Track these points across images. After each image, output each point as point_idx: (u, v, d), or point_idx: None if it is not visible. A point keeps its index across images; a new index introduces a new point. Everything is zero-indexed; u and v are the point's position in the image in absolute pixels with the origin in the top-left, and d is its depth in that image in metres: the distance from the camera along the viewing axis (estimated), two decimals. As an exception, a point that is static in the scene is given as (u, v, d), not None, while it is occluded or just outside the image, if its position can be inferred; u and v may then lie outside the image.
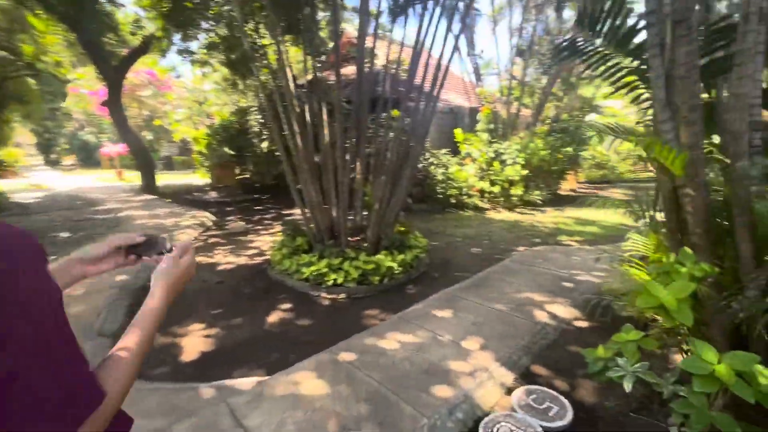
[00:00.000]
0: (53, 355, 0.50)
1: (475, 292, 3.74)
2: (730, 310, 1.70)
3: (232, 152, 10.67)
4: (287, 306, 3.64)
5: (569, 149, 9.64)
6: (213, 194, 10.95)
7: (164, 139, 22.10)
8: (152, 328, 0.68)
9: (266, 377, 2.42)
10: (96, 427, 0.53)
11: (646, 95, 2.99)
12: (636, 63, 2.87)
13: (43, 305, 0.51)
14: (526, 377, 2.47)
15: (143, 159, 11.51)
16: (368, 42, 4.66)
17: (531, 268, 4.50)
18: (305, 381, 2.32)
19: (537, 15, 10.08)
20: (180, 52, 10.26)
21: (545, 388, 2.18)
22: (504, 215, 8.18)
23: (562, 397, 2.08)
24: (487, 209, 8.68)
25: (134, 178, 14.54)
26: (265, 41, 7.32)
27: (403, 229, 5.06)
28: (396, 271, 4.12)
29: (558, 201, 9.70)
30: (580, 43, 3.00)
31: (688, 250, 1.74)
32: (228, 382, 2.36)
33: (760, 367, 1.50)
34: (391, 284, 4.07)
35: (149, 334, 0.67)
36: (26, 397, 0.46)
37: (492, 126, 9.87)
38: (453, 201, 8.60)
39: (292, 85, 4.53)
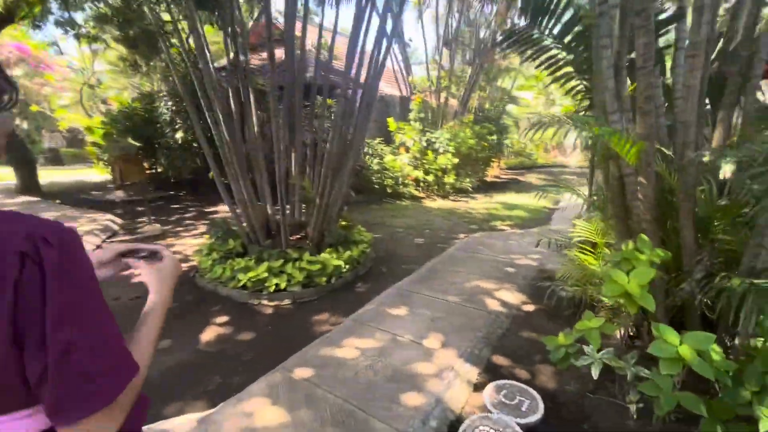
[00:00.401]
0: (102, 329, 0.57)
1: (426, 285, 3.69)
2: (682, 291, 1.82)
3: (138, 144, 9.29)
4: (224, 319, 3.22)
5: (493, 137, 10.17)
6: (119, 193, 9.45)
7: (46, 128, 18.64)
8: (162, 319, 0.77)
9: (209, 411, 2.06)
10: (130, 396, 0.60)
11: (580, 86, 3.12)
12: (571, 56, 2.97)
13: (94, 284, 0.59)
14: (490, 370, 2.46)
15: (18, 152, 9.50)
16: (294, 25, 4.25)
17: (474, 255, 4.60)
18: (259, 409, 2.02)
19: (461, 6, 10.33)
20: (59, 23, 8.55)
21: (513, 382, 2.17)
22: (439, 203, 8.37)
23: (530, 390, 2.08)
24: (422, 198, 8.80)
25: (7, 175, 12.01)
26: (170, 18, 6.36)
27: (345, 223, 4.83)
28: (343, 270, 3.90)
29: (486, 187, 10.23)
30: (523, 34, 3.02)
31: (645, 237, 1.81)
32: (160, 425, 1.96)
33: (714, 345, 1.60)
34: (338, 284, 3.84)
35: (160, 323, 0.76)
36: (80, 365, 0.53)
37: (423, 115, 9.99)
38: (389, 191, 8.56)
39: (212, 67, 3.97)
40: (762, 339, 1.62)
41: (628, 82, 2.29)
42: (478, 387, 2.30)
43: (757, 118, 2.16)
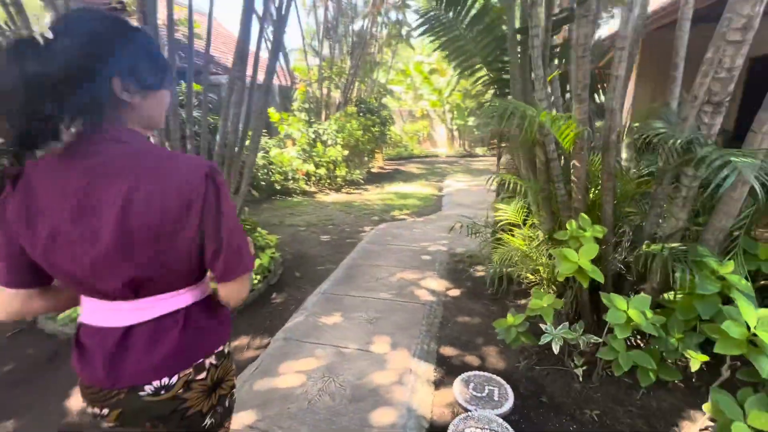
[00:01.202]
0: (242, 228, 0.86)
1: (351, 285, 3.47)
2: (616, 260, 2.05)
3: None
4: (101, 371, 2.40)
5: (377, 129, 10.36)
6: None
7: None
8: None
9: None
10: (246, 283, 0.91)
11: (485, 77, 3.28)
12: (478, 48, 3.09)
13: (235, 210, 0.94)
14: (443, 364, 2.41)
15: None
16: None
17: (387, 247, 4.56)
18: (195, 487, 1.52)
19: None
20: None
21: (477, 372, 2.16)
22: (333, 197, 8.12)
23: (495, 377, 2.10)
24: (315, 192, 8.41)
25: None
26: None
27: (245, 226, 4.20)
28: (255, 282, 3.36)
29: (374, 178, 10.40)
30: (437, 21, 3.00)
31: (585, 216, 1.96)
32: None
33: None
34: (250, 298, 3.30)
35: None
36: (237, 244, 0.83)
37: (307, 106, 9.52)
38: (278, 187, 7.91)
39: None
40: (673, 292, 1.93)
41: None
42: (438, 384, 2.22)
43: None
